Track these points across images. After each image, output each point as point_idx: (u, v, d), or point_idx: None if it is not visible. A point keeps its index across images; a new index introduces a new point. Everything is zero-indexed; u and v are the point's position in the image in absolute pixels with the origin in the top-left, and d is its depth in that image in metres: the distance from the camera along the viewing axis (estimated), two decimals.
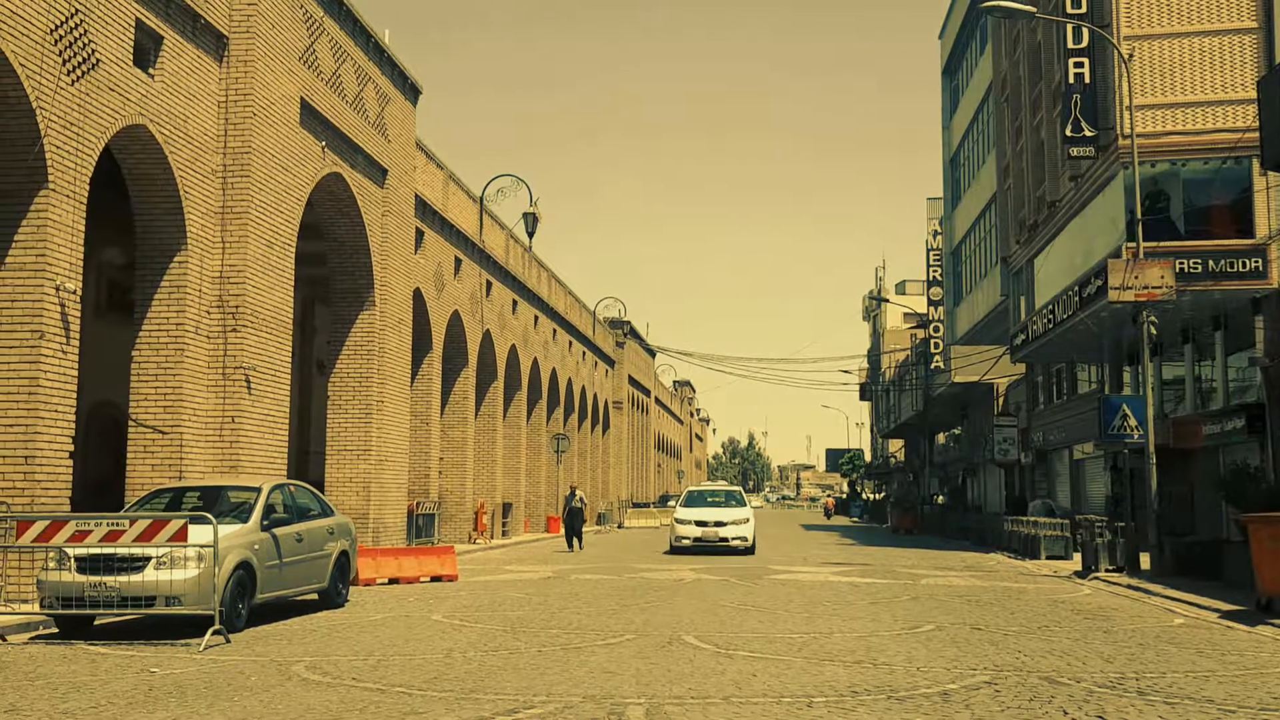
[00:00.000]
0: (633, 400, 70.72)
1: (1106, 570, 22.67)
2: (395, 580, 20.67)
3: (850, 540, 42.56)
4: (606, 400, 62.87)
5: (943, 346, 50.69)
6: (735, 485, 39.92)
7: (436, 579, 21.10)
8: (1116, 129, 28.26)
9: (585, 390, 55.60)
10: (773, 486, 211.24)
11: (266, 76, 20.24)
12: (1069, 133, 29.77)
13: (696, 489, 35.10)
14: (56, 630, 13.30)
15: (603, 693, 9.15)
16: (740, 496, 33.84)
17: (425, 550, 22.44)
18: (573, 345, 52.09)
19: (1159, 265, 23.70)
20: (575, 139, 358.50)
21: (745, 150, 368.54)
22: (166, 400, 18.35)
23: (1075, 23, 29.30)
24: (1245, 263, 25.56)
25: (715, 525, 30.68)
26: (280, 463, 20.88)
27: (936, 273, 54.24)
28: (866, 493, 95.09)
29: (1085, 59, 29.78)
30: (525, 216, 38.51)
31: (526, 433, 43.53)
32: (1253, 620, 14.37)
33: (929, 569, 24.92)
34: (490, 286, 36.95)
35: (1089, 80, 29.68)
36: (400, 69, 27.20)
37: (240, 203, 19.60)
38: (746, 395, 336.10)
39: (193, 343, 18.70)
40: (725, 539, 30.37)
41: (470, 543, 33.52)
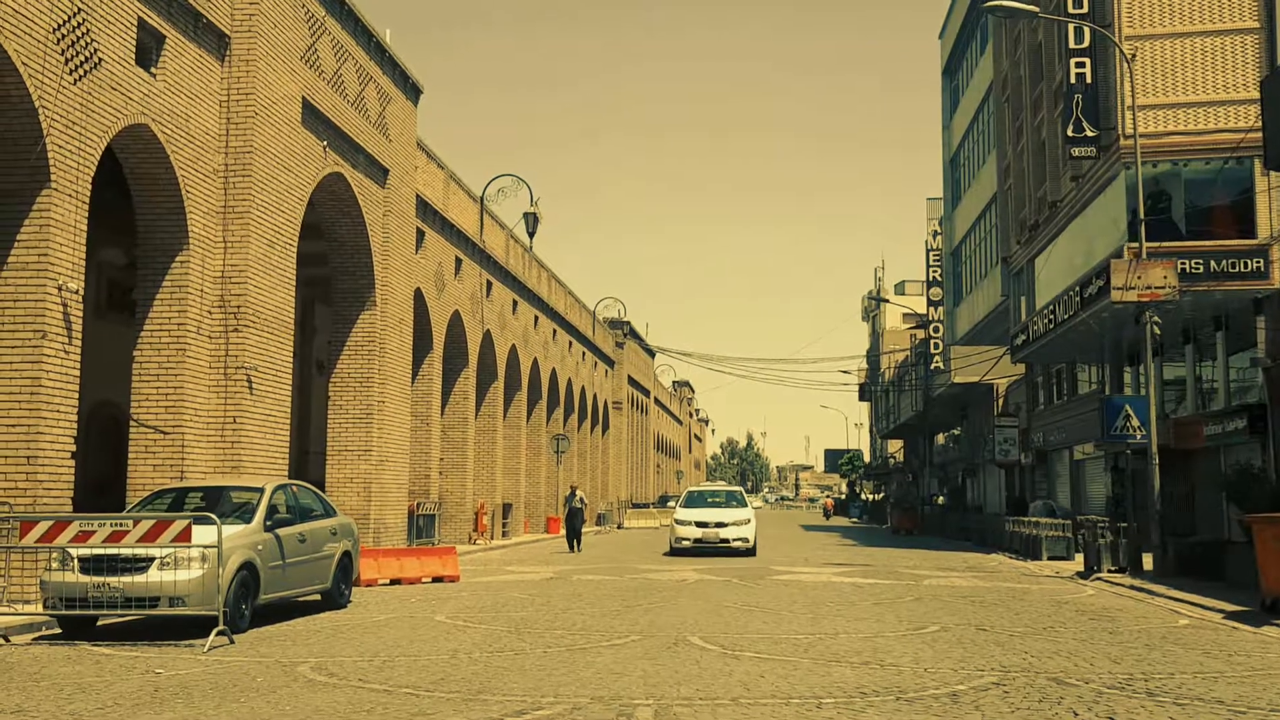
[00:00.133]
0: (632, 400, 70.70)
1: (1109, 571, 22.65)
2: (397, 581, 20.64)
3: (851, 541, 42.54)
4: (606, 400, 62.86)
5: (943, 347, 50.65)
6: (735, 485, 39.67)
7: (438, 580, 21.07)
8: (1118, 129, 28.26)
9: (585, 390, 55.58)
10: (771, 487, 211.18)
11: (268, 76, 20.21)
12: (1070, 133, 29.78)
13: (697, 489, 34.79)
14: (59, 631, 13.27)
15: (610, 694, 9.12)
16: (741, 497, 33.44)
17: (427, 551, 22.42)
18: (573, 345, 52.07)
19: (1162, 265, 23.70)
20: (576, 138, 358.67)
21: (746, 150, 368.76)
22: (168, 400, 18.31)
23: (1077, 22, 29.29)
24: (1247, 263, 25.57)
25: (716, 526, 30.32)
26: (282, 463, 20.85)
27: (936, 273, 54.22)
28: (865, 493, 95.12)
29: (1087, 59, 29.80)
30: (526, 216, 38.51)
31: (526, 433, 43.50)
32: (1258, 621, 14.35)
33: (931, 569, 24.90)
34: (490, 287, 36.92)
35: (1090, 80, 29.69)
36: (401, 68, 27.16)
37: (242, 202, 19.56)
38: (745, 395, 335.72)
39: (194, 343, 18.66)
40: (726, 540, 30.02)
41: (470, 543, 33.50)
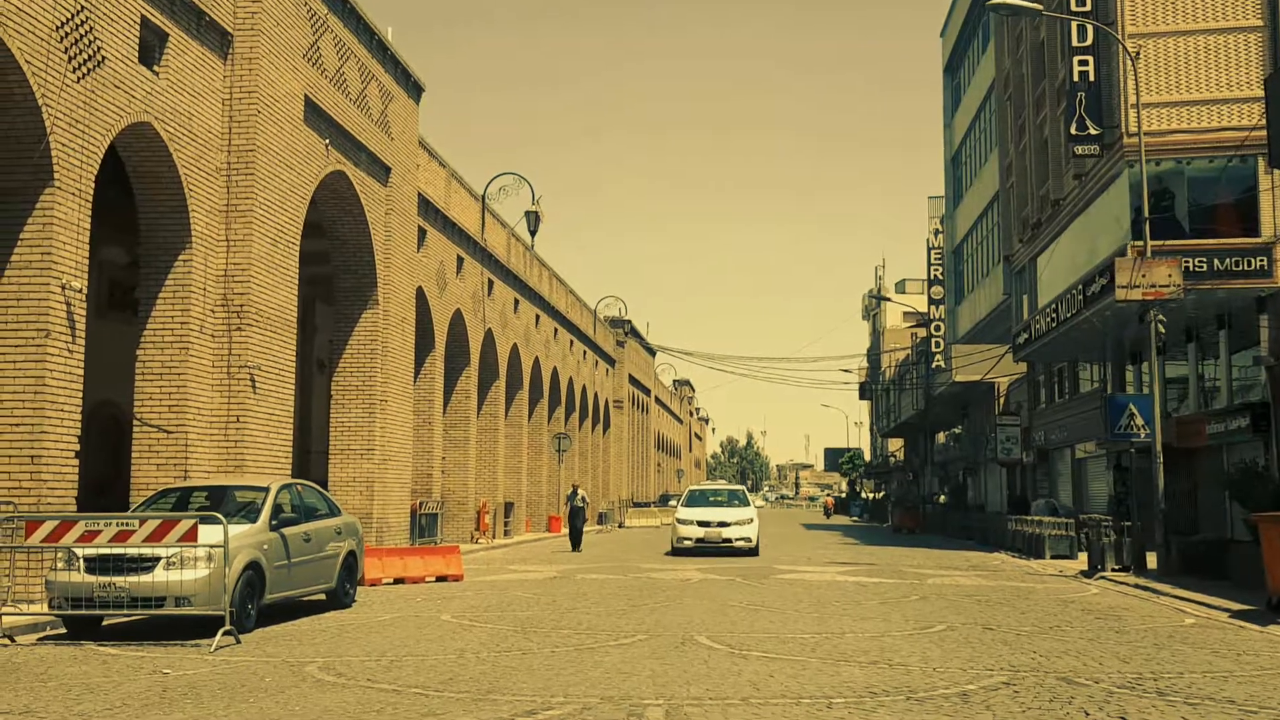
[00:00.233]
0: (633, 399, 70.68)
1: (1113, 569, 22.62)
2: (401, 580, 20.61)
3: (853, 539, 42.51)
4: (607, 399, 62.83)
5: (944, 345, 50.63)
6: (737, 484, 39.54)
7: (442, 579, 21.04)
8: (1121, 127, 28.21)
9: (586, 389, 55.55)
10: (771, 486, 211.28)
11: (271, 74, 20.16)
12: (1073, 131, 29.74)
13: (698, 488, 34.61)
14: (65, 631, 13.23)
15: (620, 694, 9.08)
16: (743, 496, 33.22)
17: (430, 550, 22.39)
18: (574, 344, 52.04)
19: (1166, 264, 23.67)
20: (578, 137, 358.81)
21: (747, 148, 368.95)
22: (171, 399, 18.26)
23: (1080, 20, 29.25)
24: (1250, 261, 25.55)
25: (718, 525, 30.07)
26: (285, 462, 20.82)
27: (938, 271, 54.20)
28: (866, 492, 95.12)
29: (1090, 56, 29.75)
30: (527, 215, 38.46)
31: (528, 432, 43.47)
32: (1264, 620, 14.32)
33: (935, 568, 24.88)
34: (492, 285, 36.88)
35: (1093, 78, 29.65)
36: (403, 66, 27.12)
37: (245, 201, 19.52)
38: (746, 394, 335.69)
39: (197, 341, 18.61)
40: (729, 539, 29.77)
41: (473, 542, 33.46)
